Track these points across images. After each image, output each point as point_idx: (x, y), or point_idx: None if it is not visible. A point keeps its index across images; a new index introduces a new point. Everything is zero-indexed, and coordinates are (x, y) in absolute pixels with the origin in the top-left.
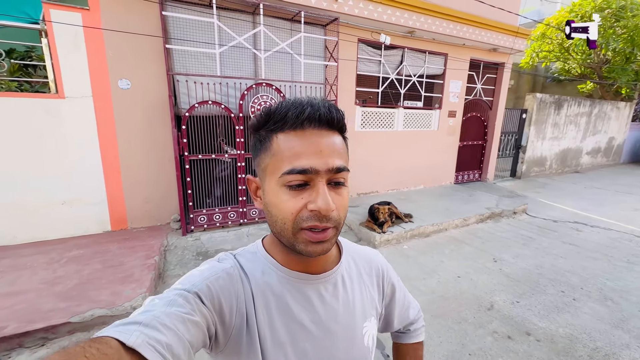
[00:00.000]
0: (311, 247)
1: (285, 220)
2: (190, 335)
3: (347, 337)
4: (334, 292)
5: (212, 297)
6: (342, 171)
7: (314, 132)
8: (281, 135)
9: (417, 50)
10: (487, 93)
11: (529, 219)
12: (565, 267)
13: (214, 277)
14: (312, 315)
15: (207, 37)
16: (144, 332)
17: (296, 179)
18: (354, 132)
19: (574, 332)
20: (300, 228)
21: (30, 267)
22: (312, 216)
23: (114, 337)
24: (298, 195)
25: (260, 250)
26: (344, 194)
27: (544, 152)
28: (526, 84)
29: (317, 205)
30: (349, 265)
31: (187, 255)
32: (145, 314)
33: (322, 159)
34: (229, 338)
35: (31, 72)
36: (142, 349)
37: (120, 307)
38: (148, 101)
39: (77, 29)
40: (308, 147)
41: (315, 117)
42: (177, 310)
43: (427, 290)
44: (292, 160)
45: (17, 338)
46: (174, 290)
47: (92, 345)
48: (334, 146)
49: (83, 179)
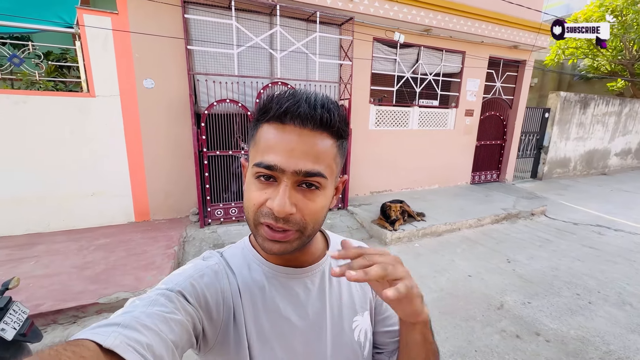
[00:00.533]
0: (267, 243)
1: (248, 210)
2: (173, 335)
3: (335, 331)
4: (321, 285)
5: (197, 294)
6: (315, 176)
7: (293, 130)
8: (264, 126)
9: (434, 48)
10: (507, 91)
11: (547, 220)
12: (582, 270)
13: (197, 275)
14: (298, 310)
15: (226, 38)
16: (123, 333)
17: (262, 172)
18: (368, 130)
19: (586, 335)
20: (260, 222)
21: (63, 252)
22: (269, 213)
23: (90, 339)
24: (264, 189)
25: (247, 245)
26: (317, 199)
27: (567, 153)
28: (551, 82)
29: (272, 204)
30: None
31: (205, 247)
32: (124, 315)
33: (291, 159)
34: (218, 334)
35: (65, 73)
36: (121, 349)
37: (142, 291)
38: (170, 100)
39: (106, 32)
40: (280, 144)
41: (294, 114)
42: (159, 310)
43: (436, 287)
44: (263, 154)
45: (52, 315)
46: (156, 290)
47: (67, 348)
48: (311, 148)
49: (110, 172)
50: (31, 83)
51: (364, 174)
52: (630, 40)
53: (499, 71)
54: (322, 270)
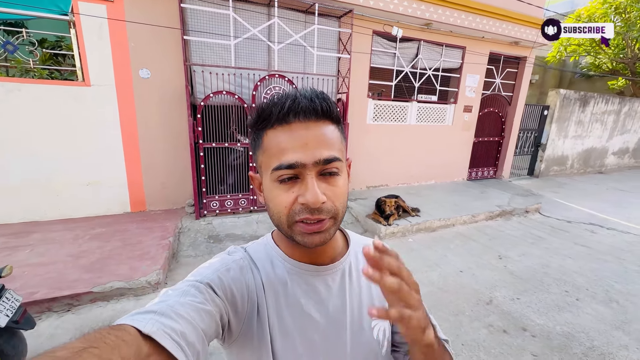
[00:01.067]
0: (307, 238)
1: (280, 214)
2: (204, 324)
3: (355, 328)
4: (341, 283)
5: (224, 287)
6: (333, 161)
7: (299, 125)
8: (270, 132)
9: (434, 43)
10: (506, 88)
11: (541, 218)
12: (573, 268)
13: (224, 269)
14: (319, 306)
15: (223, 29)
16: (159, 320)
17: (285, 174)
18: (366, 124)
19: (571, 331)
20: (295, 221)
21: (59, 241)
22: (303, 209)
23: (130, 324)
24: (289, 189)
25: (269, 242)
26: (339, 183)
27: (565, 151)
28: (552, 79)
29: (306, 198)
30: (357, 256)
31: (200, 238)
32: (160, 304)
33: (309, 151)
34: (242, 326)
35: (60, 61)
36: (158, 336)
37: (136, 281)
38: (166, 90)
39: (102, 21)
40: (294, 141)
41: (297, 110)
42: (191, 300)
43: (427, 282)
44: (280, 156)
45: (47, 302)
46: (186, 282)
47: (110, 332)
48: (322, 137)
49: (106, 162)
50: (25, 71)
51: (361, 168)
52: (632, 38)
53: (499, 67)
54: (343, 269)
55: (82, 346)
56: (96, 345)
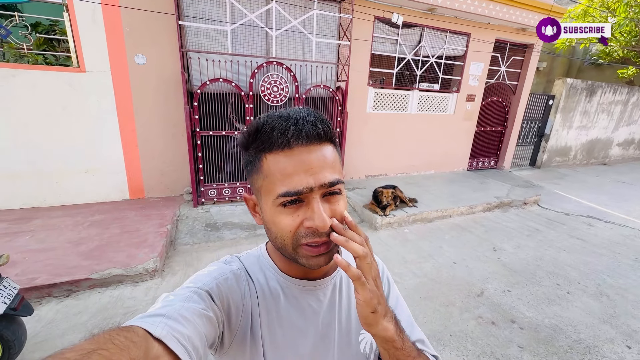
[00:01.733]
0: (312, 260)
1: (284, 237)
2: (206, 330)
3: (342, 343)
4: (332, 298)
5: (222, 296)
6: (337, 184)
7: (302, 150)
8: (270, 157)
9: (438, 29)
10: (511, 76)
11: (539, 210)
12: (566, 261)
13: (222, 278)
14: (310, 321)
15: (219, 14)
16: (168, 324)
17: (291, 199)
18: (365, 113)
19: (559, 324)
20: (300, 244)
21: (58, 227)
22: (309, 233)
23: (140, 327)
24: (294, 212)
25: (263, 254)
26: (340, 202)
27: (569, 142)
28: (561, 67)
29: (314, 223)
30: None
31: (197, 226)
32: (166, 307)
33: (314, 175)
34: (234, 339)
35: (55, 45)
36: (168, 339)
37: (134, 268)
38: (162, 77)
39: (95, 5)
40: (298, 167)
41: (300, 135)
42: (194, 306)
43: (420, 273)
44: (284, 182)
45: (47, 288)
46: (187, 289)
47: (120, 334)
48: (324, 160)
49: (103, 149)
50: (20, 56)
51: (360, 157)
52: None
53: (504, 55)
54: (334, 282)
55: (92, 348)
56: (105, 347)
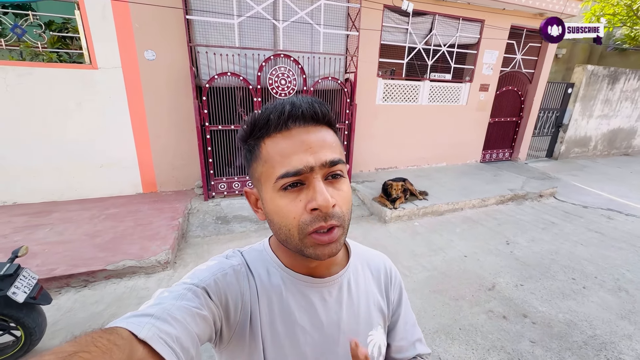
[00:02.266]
0: (320, 250)
1: (290, 226)
2: (198, 329)
3: (349, 344)
4: (338, 297)
5: (219, 292)
6: (338, 164)
7: (300, 130)
8: (268, 141)
9: (450, 16)
10: (527, 64)
11: (556, 203)
12: (583, 255)
13: (221, 273)
14: (313, 319)
15: (226, 7)
16: (155, 324)
17: (291, 181)
18: (374, 105)
19: (574, 319)
20: (307, 233)
21: (76, 220)
22: (315, 218)
23: (126, 328)
24: (296, 197)
25: (266, 249)
26: (344, 187)
27: (589, 132)
28: (581, 53)
29: (317, 202)
30: (356, 269)
31: (208, 219)
32: (156, 306)
33: (314, 154)
34: (232, 335)
35: (68, 43)
36: (153, 341)
37: (147, 260)
38: (172, 72)
39: (105, 1)
40: (297, 146)
41: (297, 114)
42: (187, 304)
43: (430, 267)
44: (284, 163)
45: (65, 279)
46: (182, 285)
47: (102, 336)
48: (324, 141)
49: (117, 145)
50: (35, 54)
51: (369, 150)
52: None
53: (520, 42)
54: (341, 282)
55: (72, 350)
56: (87, 349)
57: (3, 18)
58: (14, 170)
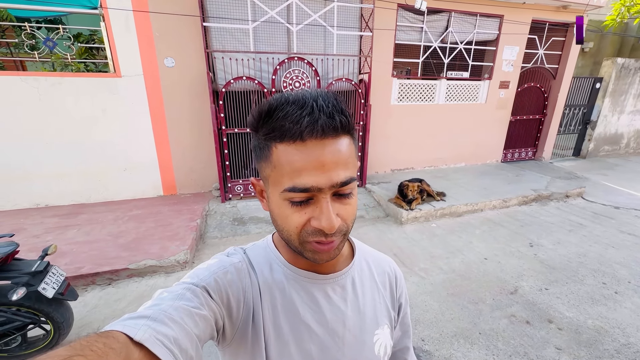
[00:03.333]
0: (318, 255)
1: (290, 232)
2: (198, 330)
3: (355, 342)
4: (343, 294)
5: (220, 291)
6: (349, 183)
7: (315, 144)
8: (280, 147)
9: (466, 13)
10: (550, 60)
11: (584, 203)
12: (615, 258)
13: (221, 272)
14: (317, 316)
15: (241, 13)
16: (152, 326)
17: (298, 197)
18: (389, 105)
19: (605, 326)
20: (307, 241)
21: (101, 222)
22: (317, 231)
23: (121, 331)
24: (301, 210)
25: (270, 245)
26: (352, 201)
27: (620, 129)
28: (610, 46)
29: (321, 224)
30: (362, 267)
31: (225, 220)
32: (153, 307)
33: (325, 174)
34: (236, 332)
35: (95, 54)
36: (149, 343)
37: (166, 260)
38: (190, 78)
39: (127, 12)
40: (309, 162)
41: (315, 128)
42: (185, 304)
43: (448, 269)
44: (293, 177)
45: (91, 277)
46: (182, 284)
47: (98, 340)
48: (338, 156)
49: (139, 149)
50: (65, 65)
51: (384, 151)
52: None
53: (542, 37)
54: (345, 279)
55: (67, 354)
56: (82, 353)
57: (37, 32)
58: (47, 174)
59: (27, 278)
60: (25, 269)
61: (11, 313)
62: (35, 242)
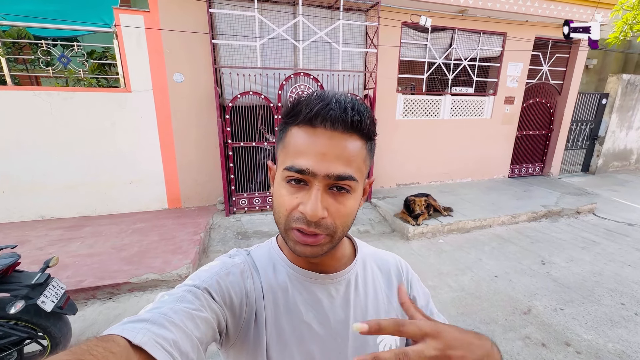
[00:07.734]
0: (299, 247)
1: (280, 214)
2: (199, 332)
3: (358, 343)
4: (345, 294)
5: (223, 292)
6: (346, 179)
7: (323, 133)
8: (293, 129)
9: (470, 30)
10: (555, 76)
11: (596, 220)
12: (632, 278)
13: (224, 273)
14: (320, 317)
15: (249, 31)
16: (151, 330)
17: (294, 177)
18: (394, 120)
19: (626, 350)
20: (291, 227)
21: (105, 234)
22: (301, 218)
23: (120, 335)
24: (295, 193)
25: (274, 245)
26: (348, 202)
27: (629, 144)
28: (614, 62)
29: (305, 209)
30: (364, 267)
31: (229, 234)
32: (153, 311)
33: (323, 162)
34: (239, 333)
35: (107, 70)
36: (149, 346)
37: (168, 274)
38: (198, 93)
39: (139, 30)
40: (311, 147)
41: (325, 116)
42: (186, 307)
43: (457, 287)
44: (294, 157)
45: (92, 290)
46: (183, 287)
47: (98, 344)
48: (342, 151)
49: (145, 162)
50: (77, 80)
51: (390, 165)
52: None
53: (546, 53)
54: (348, 279)
55: (68, 359)
56: (83, 357)
57: (52, 49)
58: (54, 187)
59: (26, 291)
60: (25, 282)
61: (8, 327)
62: (38, 254)
